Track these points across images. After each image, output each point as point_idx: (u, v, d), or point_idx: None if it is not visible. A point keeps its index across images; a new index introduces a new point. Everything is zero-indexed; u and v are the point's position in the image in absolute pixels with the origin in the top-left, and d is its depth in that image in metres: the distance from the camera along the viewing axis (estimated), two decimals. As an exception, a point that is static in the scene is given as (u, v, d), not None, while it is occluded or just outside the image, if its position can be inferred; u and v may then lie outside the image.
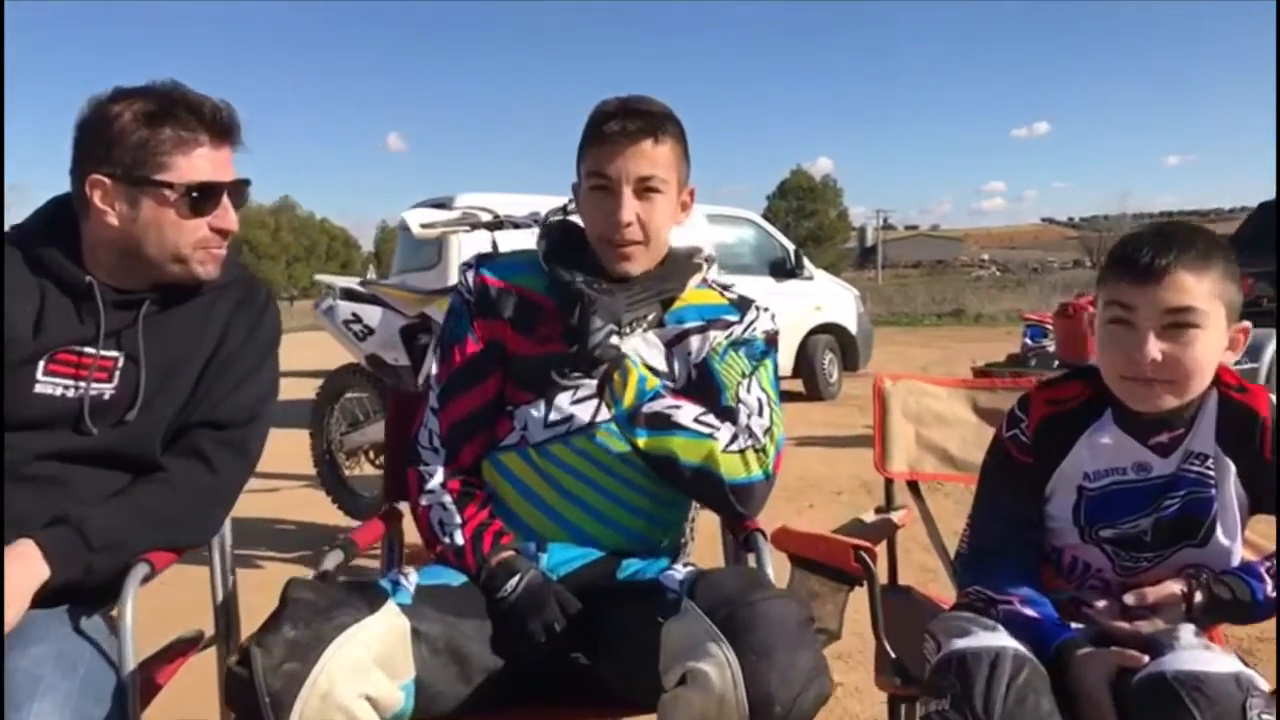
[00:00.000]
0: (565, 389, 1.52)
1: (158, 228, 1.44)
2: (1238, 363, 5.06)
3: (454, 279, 7.05)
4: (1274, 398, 1.46)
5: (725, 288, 1.64)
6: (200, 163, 1.45)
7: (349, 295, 4.32)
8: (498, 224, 3.75)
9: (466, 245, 6.38)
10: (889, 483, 1.78)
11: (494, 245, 3.67)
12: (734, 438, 1.46)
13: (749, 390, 1.52)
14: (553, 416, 1.52)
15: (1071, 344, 6.37)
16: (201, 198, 1.46)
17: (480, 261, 1.64)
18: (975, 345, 16.82)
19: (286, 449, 6.42)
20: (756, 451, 1.47)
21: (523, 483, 1.54)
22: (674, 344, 1.57)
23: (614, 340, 1.48)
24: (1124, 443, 1.47)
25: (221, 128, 1.47)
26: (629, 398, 1.47)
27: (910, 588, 1.75)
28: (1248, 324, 1.43)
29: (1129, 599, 1.39)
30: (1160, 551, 1.45)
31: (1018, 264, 79.77)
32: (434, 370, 1.62)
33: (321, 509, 4.70)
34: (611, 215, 1.50)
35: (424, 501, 1.55)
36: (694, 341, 1.56)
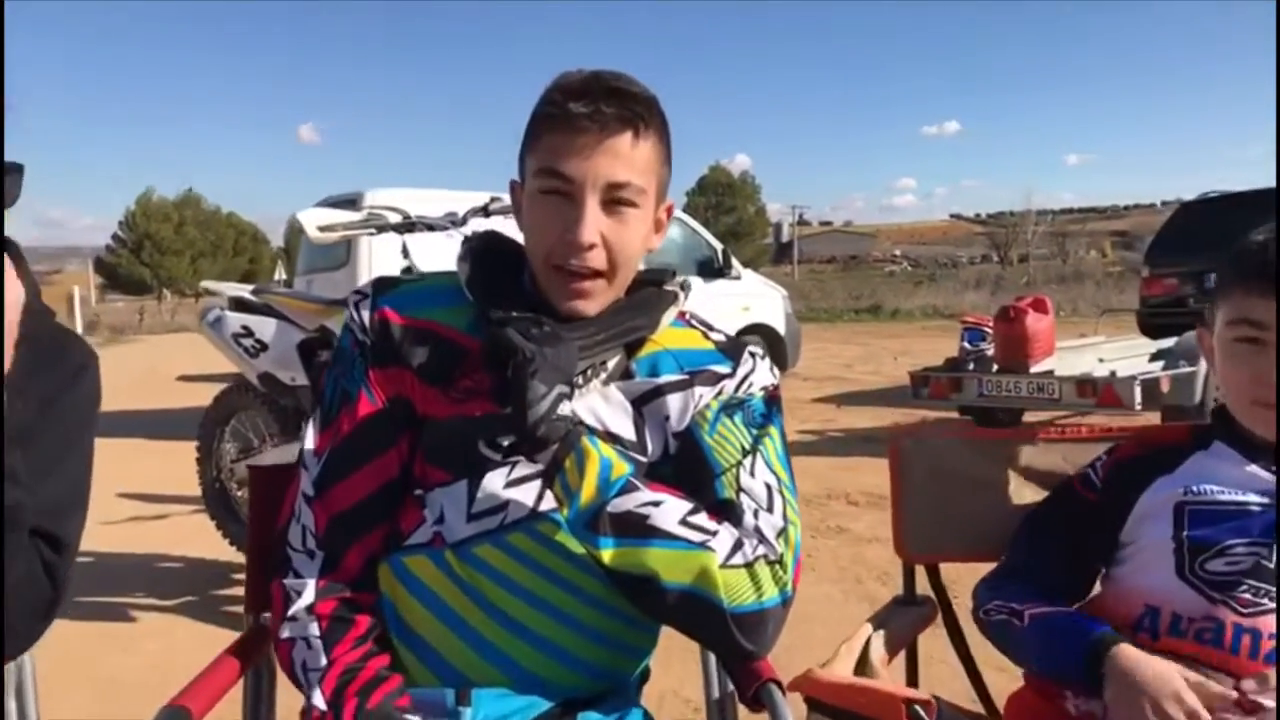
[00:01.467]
0: (496, 465, 1.12)
1: None
2: (1168, 366, 4.87)
3: (364, 279, 6.61)
4: None
5: (708, 326, 1.25)
6: None
7: (239, 305, 3.82)
8: (408, 225, 3.31)
9: (379, 244, 5.88)
10: (908, 568, 1.42)
11: (404, 250, 3.23)
12: (737, 546, 1.05)
13: (753, 473, 1.10)
14: (479, 504, 1.11)
15: (1011, 348, 6.17)
16: None
17: (378, 290, 1.21)
18: (895, 341, 16.91)
19: (180, 466, 5.88)
20: (770, 564, 1.05)
21: (437, 598, 1.12)
22: (645, 403, 1.16)
23: (564, 408, 1.06)
24: (1242, 465, 1.22)
25: None
26: (588, 492, 1.04)
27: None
28: None
29: (1247, 685, 1.10)
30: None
31: (928, 259, 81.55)
32: (309, 442, 1.17)
33: (213, 541, 4.19)
34: (567, 231, 1.09)
35: (285, 633, 1.11)
36: (673, 402, 1.15)
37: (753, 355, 1.20)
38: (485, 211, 3.48)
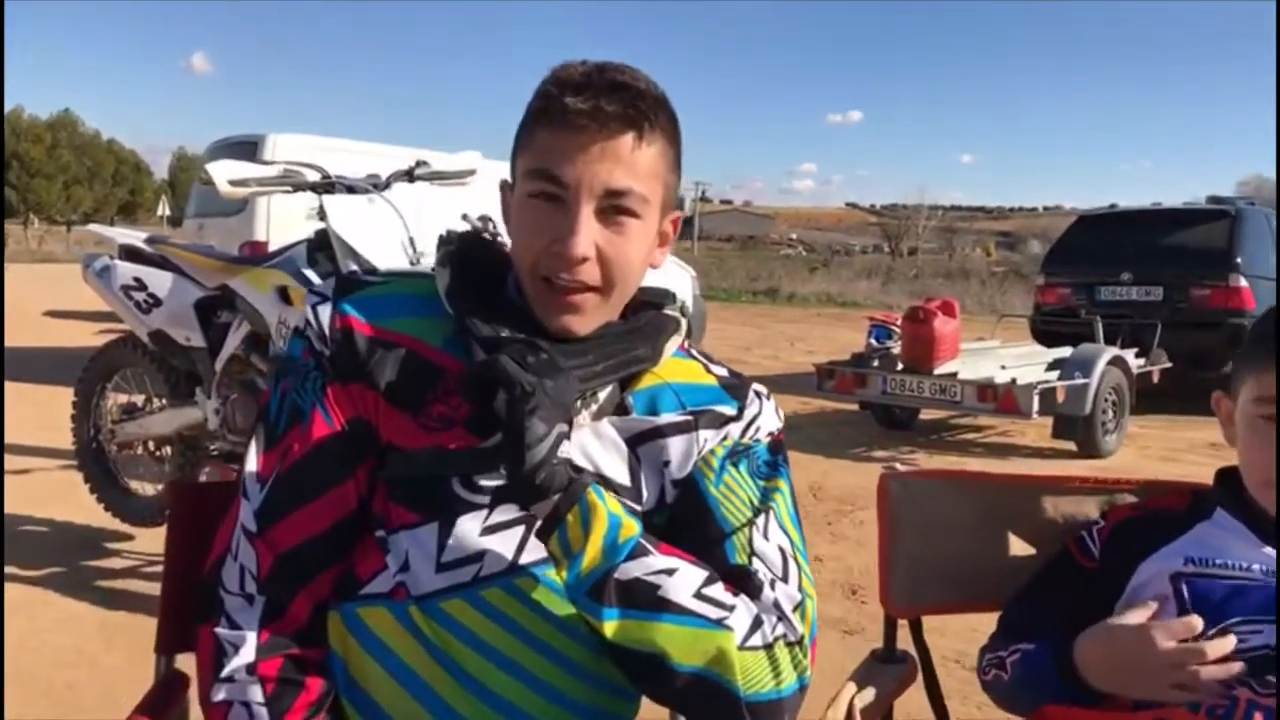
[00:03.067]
0: (473, 508, 0.98)
1: None
2: (1064, 376, 5.03)
3: (261, 230, 6.22)
4: None
5: (708, 359, 1.12)
6: None
7: (131, 255, 3.52)
8: (327, 185, 3.07)
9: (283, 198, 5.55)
10: (891, 622, 1.34)
11: (321, 212, 3.00)
12: (755, 624, 0.93)
13: (766, 536, 0.99)
14: (450, 553, 0.96)
15: (917, 349, 6.28)
16: None
17: (341, 292, 1.04)
18: (791, 326, 17.14)
19: (46, 413, 5.47)
20: (789, 646, 0.94)
21: (396, 658, 0.97)
22: (641, 444, 1.02)
23: (565, 450, 0.92)
24: (1247, 539, 1.16)
25: None
26: (592, 554, 0.90)
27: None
28: None
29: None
30: None
31: (822, 245, 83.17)
32: (251, 464, 1.01)
33: (84, 502, 3.89)
34: (557, 241, 0.96)
35: (219, 695, 0.95)
36: (674, 446, 1.02)
37: (758, 396, 1.09)
38: (410, 176, 3.27)
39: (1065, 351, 6.82)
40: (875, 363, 6.60)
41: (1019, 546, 1.32)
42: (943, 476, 1.39)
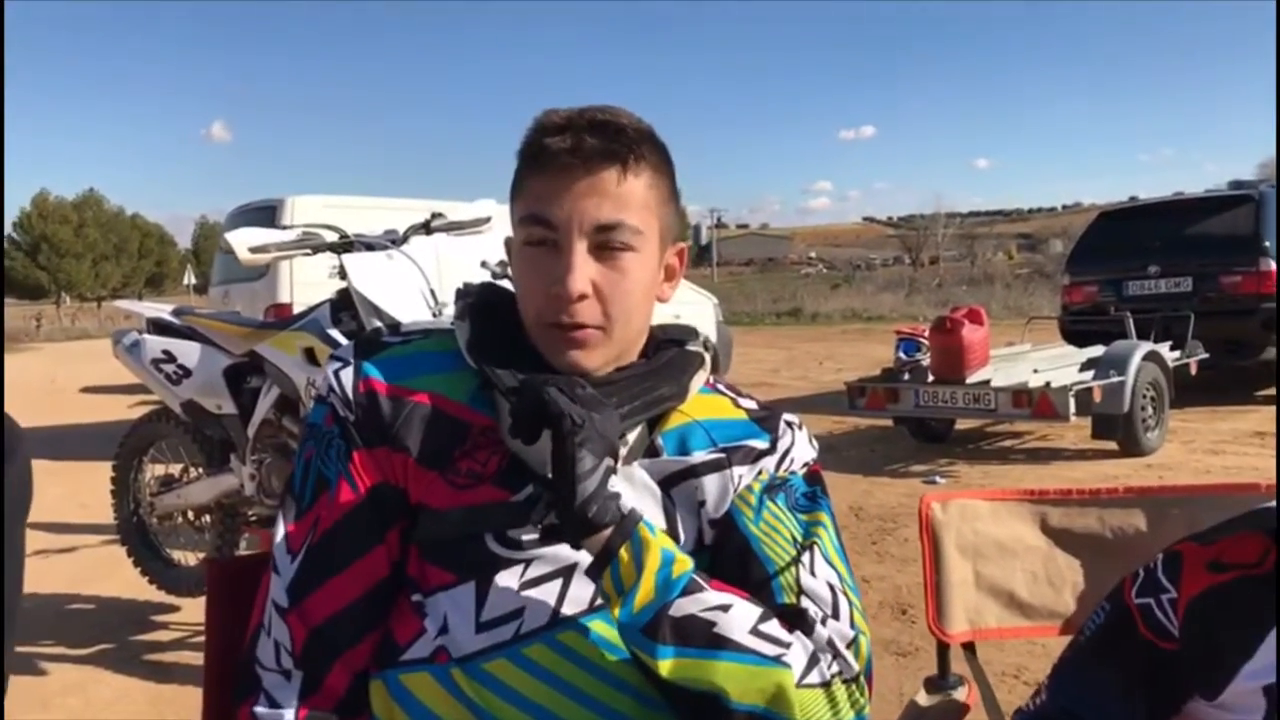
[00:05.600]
0: (509, 564, 0.97)
1: None
2: (1098, 376, 4.92)
3: (284, 293, 6.25)
4: None
5: (736, 392, 1.11)
6: None
7: (158, 328, 3.55)
8: (346, 245, 3.10)
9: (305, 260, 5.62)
10: (943, 646, 1.31)
11: (341, 271, 3.02)
12: (812, 662, 0.91)
13: (814, 572, 0.97)
14: (490, 611, 0.95)
15: (948, 359, 6.21)
16: None
17: (362, 353, 1.04)
18: (818, 345, 17.06)
19: (87, 490, 5.52)
20: (847, 683, 0.92)
21: None
22: (674, 485, 1.01)
23: (614, 485, 0.90)
24: None
25: None
26: (646, 590, 0.88)
27: None
28: None
29: None
30: None
31: (843, 261, 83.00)
32: (280, 537, 1.00)
33: (128, 578, 3.91)
34: (555, 284, 0.95)
35: None
36: (709, 485, 1.01)
37: (790, 426, 1.07)
38: (427, 228, 3.30)
39: (1098, 350, 6.73)
40: (906, 376, 6.53)
41: (1069, 564, 1.29)
42: (984, 497, 1.36)
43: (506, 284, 1.14)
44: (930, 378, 6.38)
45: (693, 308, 9.67)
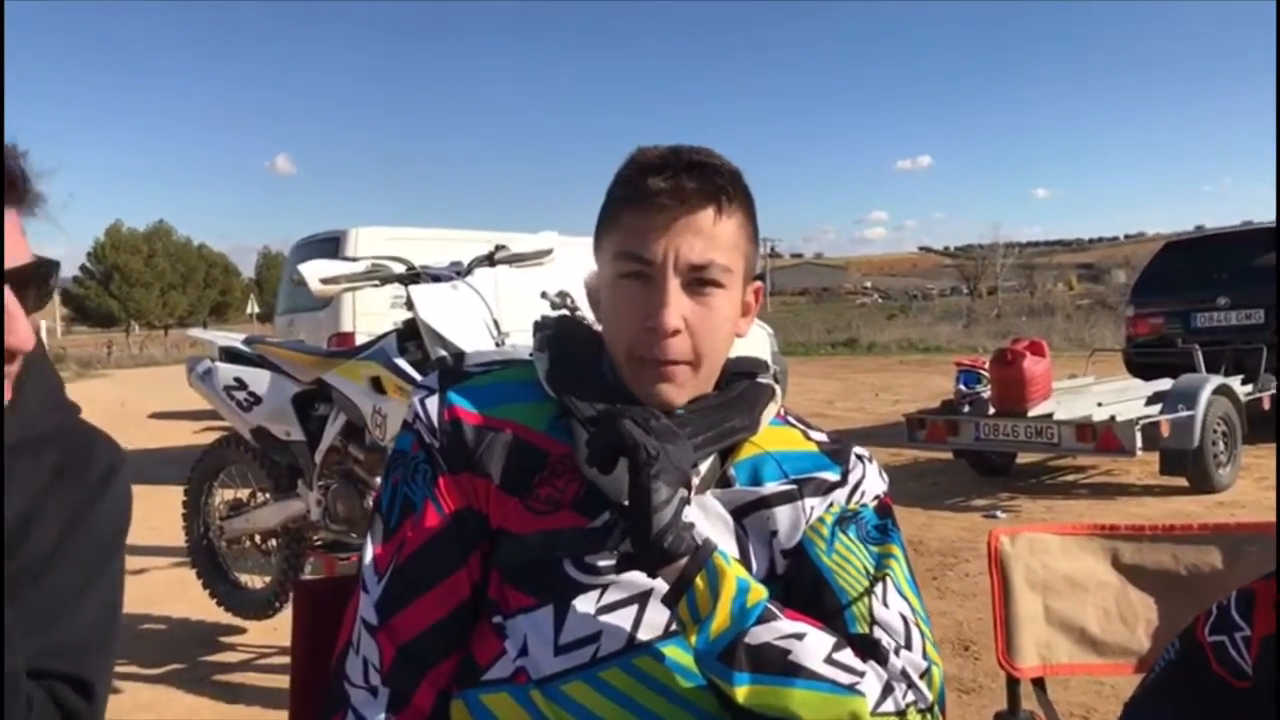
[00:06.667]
0: (587, 588, 0.99)
1: None
2: (1166, 410, 4.75)
3: (348, 322, 6.38)
4: None
5: (806, 424, 1.14)
6: None
7: (230, 356, 3.67)
8: (413, 276, 3.17)
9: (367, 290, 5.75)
10: (1012, 681, 1.30)
11: (409, 302, 3.09)
12: (887, 691, 0.92)
13: (886, 603, 0.98)
14: (568, 634, 0.98)
15: (1009, 392, 6.12)
16: None
17: (448, 382, 1.08)
18: (874, 376, 16.87)
19: (158, 513, 5.67)
20: (921, 713, 0.94)
21: None
22: (746, 515, 1.04)
23: (688, 515, 0.93)
24: None
25: None
26: (721, 618, 0.90)
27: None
28: None
29: None
30: None
31: (899, 291, 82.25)
32: (369, 557, 1.04)
33: (198, 599, 4.00)
34: (649, 318, 0.99)
35: None
36: (781, 516, 1.03)
37: (860, 459, 1.09)
38: (491, 260, 3.36)
39: (1165, 384, 6.58)
40: (966, 409, 6.44)
41: (1143, 601, 1.27)
42: (1053, 531, 1.35)
43: (582, 314, 1.17)
44: (991, 410, 6.29)
45: (748, 338, 9.58)
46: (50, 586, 0.95)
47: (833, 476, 1.06)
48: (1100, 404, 6.19)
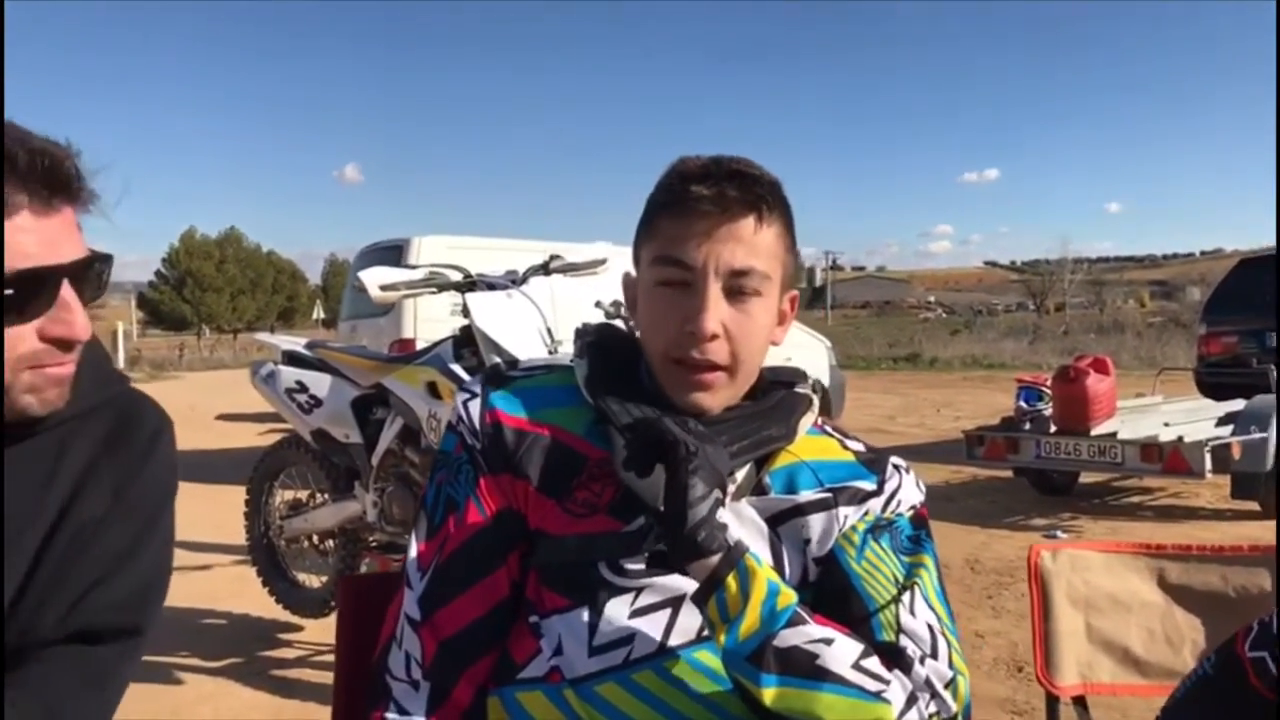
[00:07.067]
0: (621, 591, 1.01)
1: None
2: (1238, 431, 4.60)
3: (409, 328, 6.48)
4: None
5: (844, 434, 1.14)
6: (16, 239, 0.92)
7: (293, 360, 3.76)
8: (470, 284, 3.23)
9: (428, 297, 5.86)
10: (1052, 699, 1.29)
11: (465, 309, 3.15)
12: (911, 700, 0.93)
13: (913, 612, 0.98)
14: (602, 636, 1.00)
15: (1071, 409, 6.00)
16: (22, 294, 0.93)
17: (490, 385, 1.11)
18: (936, 392, 16.63)
19: (222, 511, 5.83)
20: None
21: None
22: (781, 523, 1.05)
23: (722, 518, 0.94)
24: None
25: (50, 180, 0.93)
26: (751, 620, 0.91)
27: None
28: None
29: None
30: None
31: (963, 306, 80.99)
32: (413, 554, 1.07)
33: (258, 596, 4.10)
34: (687, 322, 1.00)
35: None
36: (814, 524, 1.04)
37: (897, 469, 1.09)
38: (546, 269, 3.41)
39: (1237, 404, 6.38)
40: (1027, 426, 6.31)
41: (1189, 622, 1.25)
42: (1097, 548, 1.33)
43: (619, 324, 1.19)
44: (1052, 428, 6.17)
45: (805, 350, 9.60)
46: (105, 547, 1.01)
47: (868, 486, 1.06)
48: (1167, 424, 6.03)
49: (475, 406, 1.09)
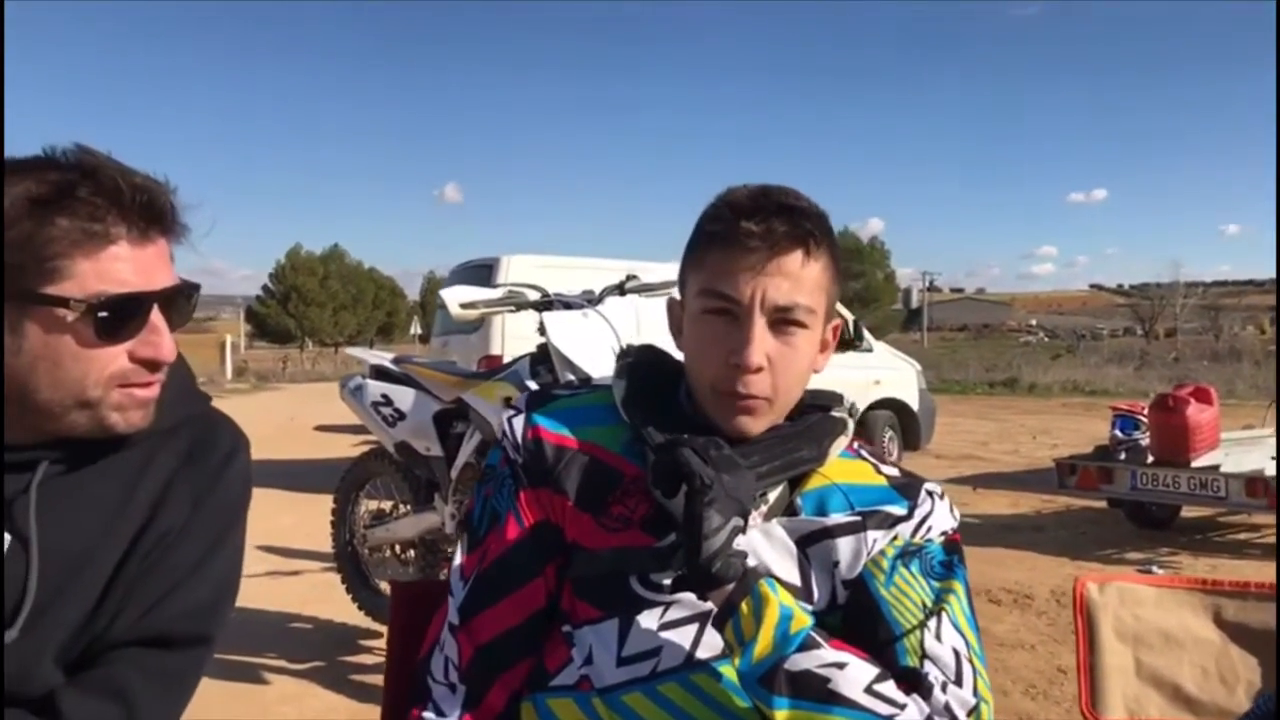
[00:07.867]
0: (650, 605, 1.04)
1: (51, 362, 0.99)
2: None
3: (496, 345, 6.62)
4: None
5: (879, 459, 1.15)
6: (114, 266, 1.00)
7: (379, 374, 3.89)
8: (546, 304, 3.31)
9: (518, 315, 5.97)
10: (1099, 733, 1.26)
11: (541, 328, 3.22)
12: None
13: (939, 637, 0.99)
14: (630, 647, 1.03)
15: (1170, 440, 5.77)
16: (116, 317, 1.01)
17: (533, 404, 1.16)
18: (1033, 419, 16.13)
19: (313, 519, 6.05)
20: None
21: None
22: (810, 544, 1.06)
23: (740, 543, 0.98)
24: None
25: (147, 213, 1.01)
26: (764, 643, 0.94)
27: None
28: None
29: None
30: None
31: (1066, 330, 78.39)
32: (457, 563, 1.12)
33: (343, 603, 4.24)
34: (733, 354, 1.03)
35: None
36: (843, 546, 1.06)
37: (930, 495, 1.10)
38: (621, 290, 3.47)
39: (1353, 438, 6.06)
40: (1122, 456, 6.10)
41: (1245, 662, 1.21)
42: (1149, 582, 1.30)
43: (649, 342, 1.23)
44: (1149, 459, 5.95)
45: (894, 373, 9.47)
46: (181, 556, 1.08)
47: (899, 510, 1.07)
48: (1274, 458, 5.75)
49: (519, 423, 1.13)
